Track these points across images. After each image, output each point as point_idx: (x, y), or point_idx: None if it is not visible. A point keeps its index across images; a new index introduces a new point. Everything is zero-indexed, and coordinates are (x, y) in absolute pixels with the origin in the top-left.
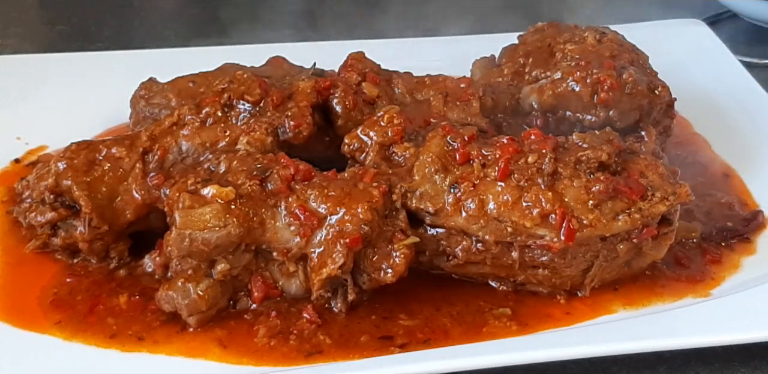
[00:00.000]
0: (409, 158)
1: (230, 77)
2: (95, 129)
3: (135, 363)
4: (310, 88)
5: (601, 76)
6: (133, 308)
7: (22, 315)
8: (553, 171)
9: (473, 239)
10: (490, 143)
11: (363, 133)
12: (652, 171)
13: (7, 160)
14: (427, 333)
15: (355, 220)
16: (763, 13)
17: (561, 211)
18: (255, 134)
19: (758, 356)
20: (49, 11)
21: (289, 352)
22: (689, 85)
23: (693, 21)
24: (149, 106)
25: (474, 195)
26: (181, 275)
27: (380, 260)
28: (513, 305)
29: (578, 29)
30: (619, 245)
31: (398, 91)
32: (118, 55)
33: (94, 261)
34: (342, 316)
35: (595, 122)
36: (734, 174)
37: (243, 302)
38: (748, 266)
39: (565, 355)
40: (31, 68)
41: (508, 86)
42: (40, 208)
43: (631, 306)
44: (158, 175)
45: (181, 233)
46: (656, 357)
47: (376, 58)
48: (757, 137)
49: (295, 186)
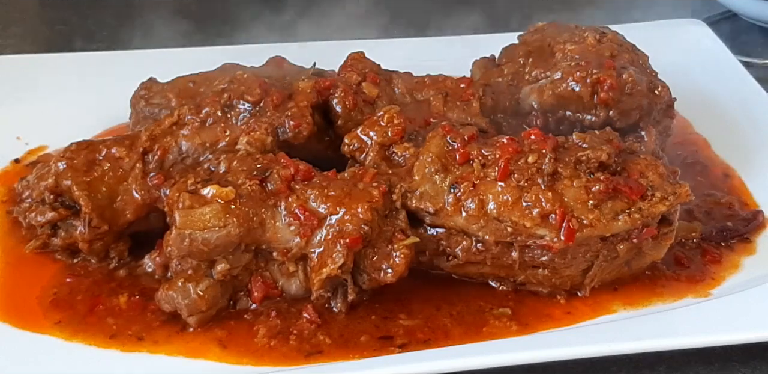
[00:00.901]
0: (409, 158)
1: (230, 77)
2: (95, 129)
3: (135, 363)
4: (310, 88)
5: (601, 76)
6: (133, 308)
7: (22, 314)
8: (553, 171)
9: (473, 239)
10: (490, 143)
11: (363, 133)
12: (652, 171)
13: (7, 160)
14: (427, 333)
15: (355, 220)
16: (763, 13)
17: (561, 211)
18: (255, 134)
19: (758, 356)
20: (49, 11)
21: (289, 352)
22: (689, 85)
23: (693, 21)
24: (149, 106)
25: (474, 195)
26: (181, 275)
27: (380, 260)
28: (513, 305)
29: (578, 29)
30: (619, 245)
31: (398, 91)
32: (118, 55)
33: (94, 261)
34: (342, 316)
35: (595, 122)
36: (734, 174)
37: (243, 302)
38: (748, 266)
39: (565, 355)
40: (31, 68)
41: (508, 86)
42: (40, 208)
43: (631, 306)
44: (158, 175)
45: (181, 233)
46: (656, 357)
47: (376, 58)
48: (757, 137)
49: (295, 186)
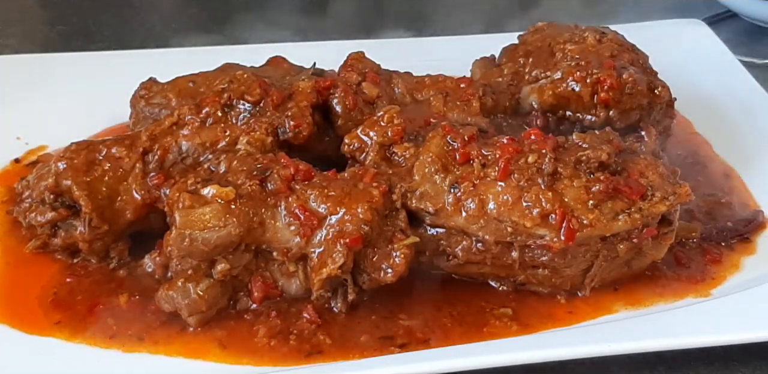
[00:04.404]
0: (409, 158)
1: (230, 77)
2: (95, 129)
3: (135, 363)
4: (310, 88)
5: (601, 76)
6: (133, 308)
7: (22, 314)
8: (553, 171)
9: (473, 239)
10: (490, 143)
11: (363, 133)
12: (652, 171)
13: (7, 160)
14: (427, 333)
15: (355, 220)
16: (763, 13)
17: (561, 211)
18: (255, 134)
19: (758, 356)
20: (49, 11)
21: (289, 352)
22: (689, 85)
23: (693, 21)
24: (149, 106)
25: (474, 195)
26: (181, 275)
27: (380, 260)
28: (515, 305)
29: (578, 29)
30: (619, 245)
31: (398, 91)
32: (118, 55)
33: (94, 261)
34: (342, 316)
35: (595, 122)
36: (734, 174)
37: (243, 302)
38: (748, 266)
39: (565, 355)
40: (31, 68)
41: (508, 86)
42: (40, 208)
43: (632, 305)
44: (158, 175)
45: (181, 233)
46: (656, 357)
47: (376, 58)
48: (757, 137)
49: (295, 186)
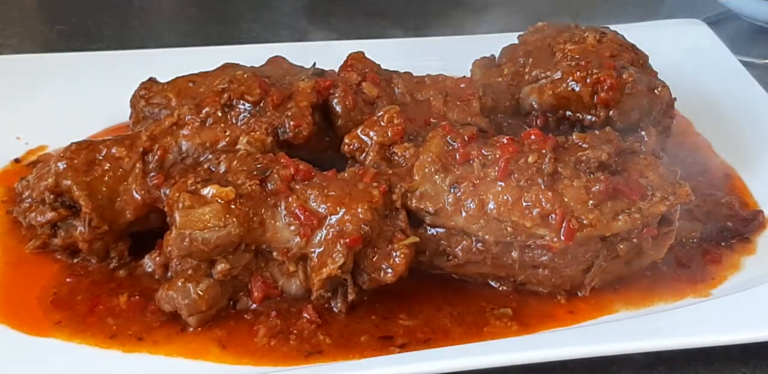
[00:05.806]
0: (409, 158)
1: (230, 77)
2: (95, 129)
3: (135, 363)
4: (310, 88)
5: (601, 76)
6: (133, 308)
7: (22, 315)
8: (553, 171)
9: (473, 239)
10: (490, 143)
11: (363, 133)
12: (652, 171)
13: (7, 160)
14: (428, 333)
15: (355, 220)
16: (763, 13)
17: (561, 211)
18: (255, 134)
19: (758, 356)
20: (49, 11)
21: (289, 352)
22: (689, 85)
23: (693, 21)
24: (149, 106)
25: (474, 195)
26: (181, 275)
27: (380, 260)
28: (514, 305)
29: (578, 29)
30: (619, 245)
31: (398, 91)
32: (118, 55)
33: (94, 261)
34: (342, 316)
35: (595, 122)
36: (734, 174)
37: (243, 302)
38: (748, 266)
39: (565, 355)
40: (31, 68)
41: (508, 86)
42: (40, 208)
43: (632, 305)
44: (158, 175)
45: (181, 233)
46: (656, 357)
47: (376, 58)
48: (757, 137)
49: (295, 186)
